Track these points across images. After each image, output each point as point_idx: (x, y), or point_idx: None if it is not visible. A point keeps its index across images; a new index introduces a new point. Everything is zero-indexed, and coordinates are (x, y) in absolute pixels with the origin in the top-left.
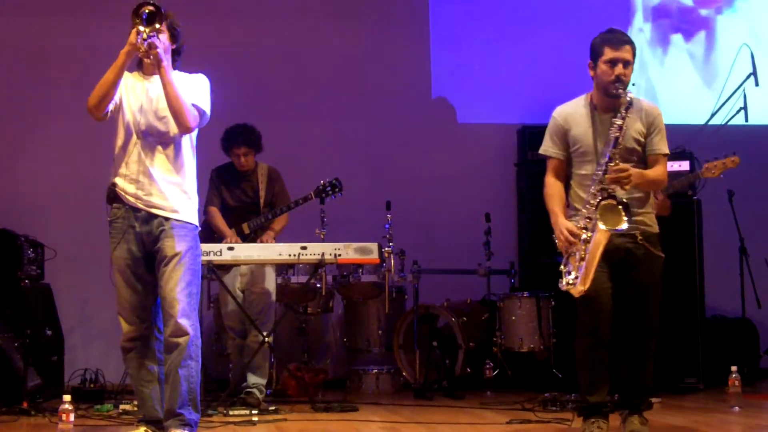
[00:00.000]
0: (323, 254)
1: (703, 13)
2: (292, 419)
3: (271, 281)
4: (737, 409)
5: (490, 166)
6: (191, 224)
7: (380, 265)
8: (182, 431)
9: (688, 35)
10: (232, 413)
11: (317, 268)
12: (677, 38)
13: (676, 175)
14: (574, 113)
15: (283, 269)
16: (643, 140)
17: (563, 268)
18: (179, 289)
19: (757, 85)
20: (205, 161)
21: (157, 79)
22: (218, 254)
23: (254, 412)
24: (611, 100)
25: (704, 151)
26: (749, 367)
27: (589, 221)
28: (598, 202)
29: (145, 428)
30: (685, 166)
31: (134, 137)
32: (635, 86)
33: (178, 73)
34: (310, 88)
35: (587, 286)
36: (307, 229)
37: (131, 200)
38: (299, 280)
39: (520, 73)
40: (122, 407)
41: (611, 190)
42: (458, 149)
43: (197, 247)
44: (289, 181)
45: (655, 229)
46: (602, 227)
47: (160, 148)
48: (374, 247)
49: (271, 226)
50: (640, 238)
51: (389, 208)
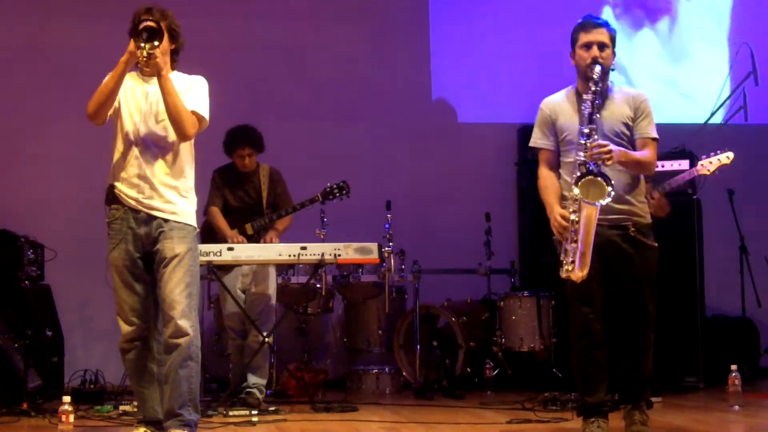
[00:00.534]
0: (323, 254)
1: None
2: (292, 419)
3: (271, 282)
4: (737, 408)
5: (490, 165)
6: (190, 226)
7: (380, 265)
8: (182, 431)
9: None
10: (232, 413)
11: (317, 268)
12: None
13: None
14: (560, 102)
15: (283, 269)
16: (631, 124)
17: (562, 256)
18: (179, 290)
19: (756, 84)
20: (205, 162)
21: (156, 81)
22: (218, 255)
23: (254, 412)
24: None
25: (704, 150)
26: (749, 366)
27: (575, 203)
28: (577, 178)
29: (144, 429)
30: (684, 165)
31: (133, 141)
32: (615, 71)
33: (176, 73)
34: (310, 88)
35: (586, 270)
36: (307, 229)
37: (131, 202)
38: (299, 280)
39: (520, 72)
40: (122, 408)
41: (590, 167)
42: (458, 149)
43: (196, 248)
44: (289, 181)
45: (647, 219)
46: (587, 202)
47: (159, 151)
48: (374, 247)
49: (274, 226)
50: (632, 229)
51: (389, 207)
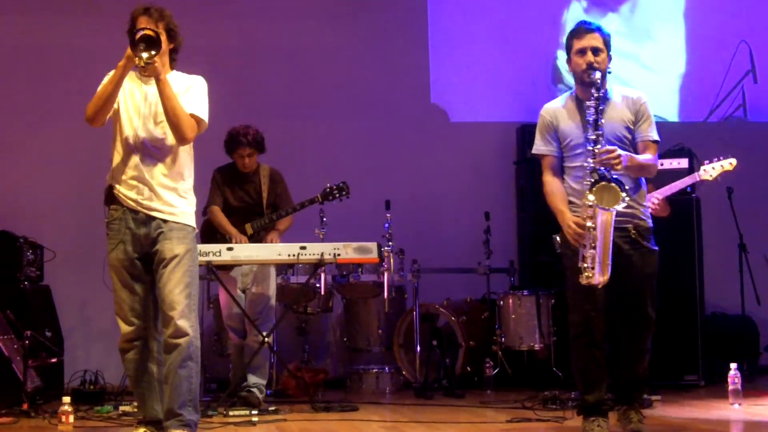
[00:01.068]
0: (323, 254)
1: None
2: (292, 419)
3: (271, 281)
4: (737, 406)
5: (489, 164)
6: (190, 226)
7: (380, 264)
8: (182, 431)
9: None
10: (232, 413)
11: (317, 267)
12: None
13: (674, 173)
14: (561, 108)
15: (282, 269)
16: (632, 127)
17: (581, 263)
18: (178, 290)
19: (755, 82)
20: (205, 161)
21: (154, 82)
22: (218, 254)
23: (254, 412)
24: (590, 89)
25: (703, 148)
26: (749, 363)
27: (590, 209)
28: (591, 184)
29: (144, 429)
30: (684, 163)
31: (132, 143)
32: (611, 74)
33: (176, 73)
34: (309, 88)
35: (607, 276)
36: (306, 228)
37: (130, 203)
38: (299, 280)
39: (519, 71)
40: (122, 408)
41: (602, 173)
42: (457, 148)
43: (195, 248)
44: (288, 181)
45: (647, 222)
46: (603, 209)
47: (158, 153)
48: (373, 246)
49: (276, 226)
50: (633, 232)
51: (388, 207)
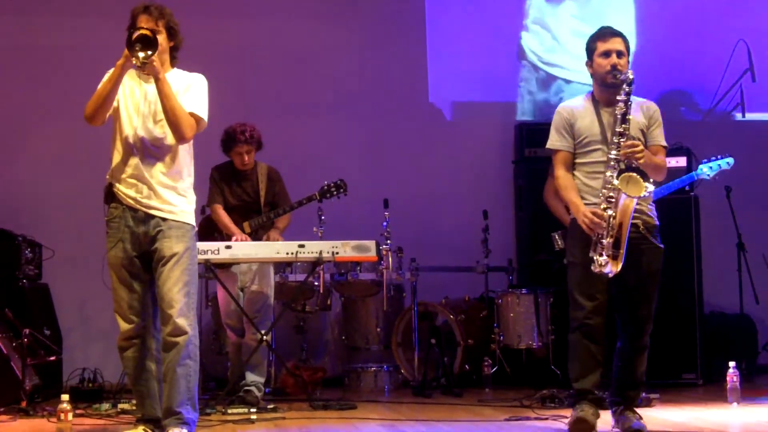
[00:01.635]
0: (321, 252)
1: None
2: (290, 417)
3: (269, 280)
4: (736, 404)
5: (487, 163)
6: (189, 224)
7: (378, 262)
8: (180, 430)
9: None
10: (230, 412)
11: (315, 266)
12: None
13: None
14: (578, 107)
15: (280, 267)
16: (645, 131)
17: (592, 252)
18: (177, 288)
19: (754, 80)
20: (204, 160)
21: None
22: (216, 253)
23: (253, 410)
24: (611, 91)
25: (702, 146)
26: (747, 362)
27: (611, 201)
28: (618, 172)
29: (143, 427)
30: (682, 162)
31: (132, 142)
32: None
33: (176, 71)
34: (307, 86)
35: (620, 265)
36: (305, 227)
37: (129, 201)
38: (297, 278)
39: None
40: (121, 406)
41: (627, 164)
42: (456, 146)
43: (194, 247)
44: (286, 179)
45: (654, 220)
46: (627, 196)
47: (157, 152)
48: (372, 244)
49: (276, 225)
50: (642, 227)
51: (387, 205)
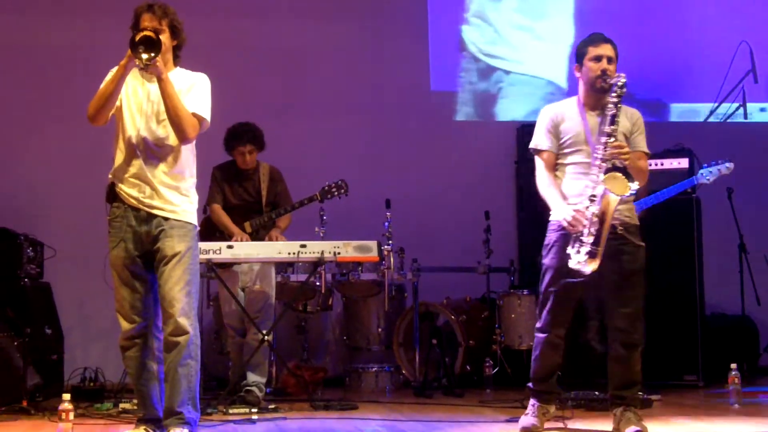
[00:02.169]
0: (323, 252)
1: None
2: (291, 417)
3: (270, 279)
4: (737, 406)
5: (489, 163)
6: (191, 224)
7: (380, 263)
8: (182, 430)
9: None
10: (231, 412)
11: (317, 266)
12: None
13: (674, 172)
14: (564, 109)
15: (282, 267)
16: (628, 137)
17: (570, 249)
18: (179, 288)
19: (756, 82)
20: (205, 160)
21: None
22: (218, 252)
23: (254, 410)
24: (599, 96)
25: (704, 148)
26: (749, 364)
27: (593, 199)
28: (605, 171)
29: (144, 427)
30: (684, 163)
31: (134, 142)
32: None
33: (179, 70)
34: (309, 86)
35: (597, 264)
36: (306, 227)
37: (131, 201)
38: (298, 278)
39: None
40: (122, 406)
41: (612, 164)
42: (457, 147)
43: (196, 246)
44: (288, 179)
45: (634, 221)
46: (612, 195)
47: (160, 151)
48: (373, 245)
49: (277, 224)
50: (620, 229)
51: (389, 206)
